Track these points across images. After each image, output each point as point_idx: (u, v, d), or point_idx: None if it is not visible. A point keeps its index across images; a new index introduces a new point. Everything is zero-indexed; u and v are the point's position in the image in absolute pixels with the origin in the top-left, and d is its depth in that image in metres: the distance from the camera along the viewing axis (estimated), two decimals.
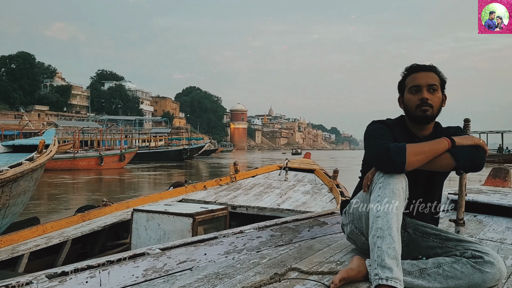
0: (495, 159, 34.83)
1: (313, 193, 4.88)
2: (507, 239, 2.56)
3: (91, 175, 19.51)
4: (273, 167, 6.44)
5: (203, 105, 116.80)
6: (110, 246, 3.75)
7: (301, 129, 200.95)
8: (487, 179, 4.98)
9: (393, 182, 1.63)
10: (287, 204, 4.28)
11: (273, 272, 1.73)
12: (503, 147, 37.79)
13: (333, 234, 2.52)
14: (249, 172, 6.00)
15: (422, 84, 1.85)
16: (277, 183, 5.45)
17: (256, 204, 4.22)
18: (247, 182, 5.51)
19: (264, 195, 4.75)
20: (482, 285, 1.62)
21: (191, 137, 50.76)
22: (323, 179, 5.60)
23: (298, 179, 5.77)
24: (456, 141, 1.73)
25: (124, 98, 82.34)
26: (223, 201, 4.34)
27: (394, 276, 1.44)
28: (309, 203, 4.35)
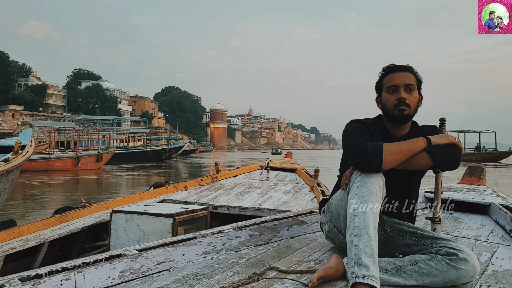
0: (473, 158, 35.77)
1: (294, 193, 4.89)
2: (481, 236, 2.62)
3: (68, 176, 19.16)
4: (254, 167, 6.45)
5: (182, 105, 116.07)
6: (88, 248, 3.70)
7: (281, 129, 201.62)
8: (463, 177, 5.08)
9: (370, 181, 1.65)
10: (268, 204, 4.29)
11: (251, 271, 1.73)
12: (480, 146, 38.67)
13: (312, 233, 2.53)
14: (231, 172, 5.99)
15: (400, 84, 1.88)
16: (258, 183, 5.45)
17: (237, 204, 4.21)
18: (229, 182, 5.50)
19: (245, 195, 4.75)
20: (456, 281, 1.65)
21: (170, 137, 50.44)
22: (304, 179, 5.63)
23: (280, 178, 5.79)
24: (432, 140, 1.76)
25: (102, 97, 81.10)
26: (204, 201, 4.32)
27: (370, 274, 1.46)
28: (290, 203, 4.36)
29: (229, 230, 2.23)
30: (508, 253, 2.24)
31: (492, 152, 37.43)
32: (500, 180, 17.96)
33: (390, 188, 1.81)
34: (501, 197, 3.64)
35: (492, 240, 2.51)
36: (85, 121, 54.05)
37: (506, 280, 1.79)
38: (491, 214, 3.19)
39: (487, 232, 2.71)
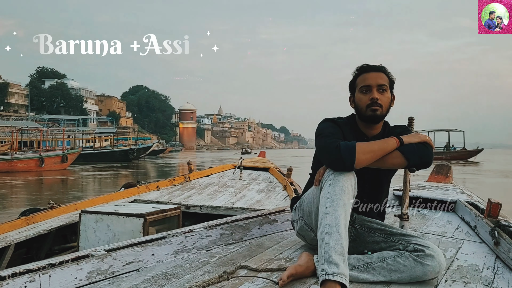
0: (443, 156, 36.93)
1: (268, 191, 4.92)
2: (447, 232, 2.69)
3: (32, 177, 18.55)
4: (227, 166, 6.45)
5: (150, 104, 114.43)
6: (57, 250, 3.60)
7: (251, 128, 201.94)
8: (431, 175, 5.22)
9: (342, 180, 1.67)
10: (241, 203, 4.30)
11: (222, 270, 1.72)
12: (450, 144, 39.87)
13: (284, 231, 2.54)
14: (204, 171, 5.97)
15: (372, 84, 1.90)
16: (231, 182, 5.45)
17: (210, 204, 4.20)
18: (201, 181, 5.48)
19: (218, 194, 4.74)
20: (423, 277, 1.69)
21: (138, 137, 49.59)
22: (277, 177, 5.66)
23: (253, 177, 5.81)
24: (404, 139, 1.80)
25: (67, 96, 78.91)
26: (176, 201, 4.29)
27: (340, 272, 1.47)
28: (264, 201, 4.38)
29: (200, 229, 2.21)
30: (473, 248, 2.31)
31: (461, 150, 38.71)
32: (468, 177, 18.57)
33: (361, 187, 1.84)
34: (466, 194, 3.76)
35: (457, 236, 2.58)
36: (49, 121, 52.57)
37: (470, 274, 1.84)
38: (457, 211, 3.29)
39: (453, 229, 2.79)
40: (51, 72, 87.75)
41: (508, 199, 10.61)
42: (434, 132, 40.19)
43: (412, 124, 2.30)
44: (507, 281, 1.77)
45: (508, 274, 1.87)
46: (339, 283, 1.46)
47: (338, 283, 1.46)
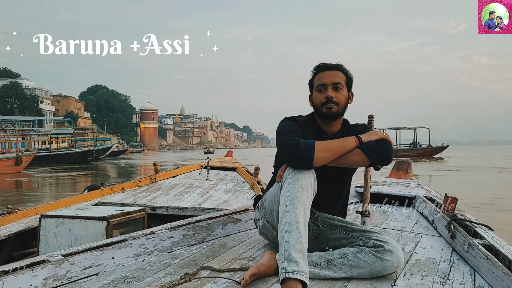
0: (410, 153, 38.07)
1: (235, 191, 4.92)
2: (407, 227, 2.76)
3: None
4: (194, 167, 6.41)
5: (110, 105, 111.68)
6: (16, 256, 3.44)
7: (214, 128, 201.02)
8: (391, 171, 5.37)
9: (302, 178, 1.67)
10: (208, 203, 4.28)
11: (184, 272, 1.70)
12: (416, 141, 41.04)
13: (247, 230, 2.53)
14: (170, 172, 5.90)
15: (328, 83, 1.93)
16: (198, 183, 5.42)
17: (176, 205, 4.15)
18: (168, 182, 5.42)
19: (185, 195, 4.70)
20: (382, 272, 1.73)
21: (98, 138, 48.32)
22: (244, 177, 5.67)
23: (220, 177, 5.80)
24: (363, 138, 1.83)
25: (21, 97, 75.71)
26: (142, 202, 4.22)
27: (300, 270, 1.48)
28: (231, 201, 4.38)
29: (161, 230, 2.16)
30: (431, 242, 2.38)
31: (427, 147, 39.93)
32: (433, 173, 19.18)
33: (322, 184, 1.85)
34: (425, 189, 3.88)
35: (416, 231, 2.65)
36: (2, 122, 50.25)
37: (427, 267, 1.90)
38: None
39: (412, 223, 2.87)
40: (3, 71, 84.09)
41: (472, 193, 11.10)
42: (400, 129, 41.43)
43: (372, 122, 2.34)
44: (462, 273, 1.84)
45: (463, 266, 1.94)
46: (299, 280, 1.46)
47: (299, 280, 1.46)
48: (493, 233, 2.27)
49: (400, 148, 40.39)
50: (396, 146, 41.40)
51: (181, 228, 2.24)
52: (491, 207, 8.03)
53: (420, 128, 41.38)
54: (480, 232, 2.20)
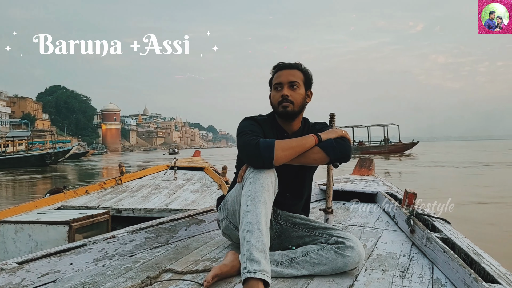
0: (381, 150, 38.84)
1: (203, 191, 4.89)
2: (369, 223, 2.82)
3: None
4: (161, 167, 6.35)
5: (70, 106, 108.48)
6: None
7: (178, 128, 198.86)
8: (354, 168, 5.48)
9: (262, 177, 1.67)
10: (175, 204, 4.24)
11: (145, 275, 1.67)
12: (388, 138, 41.90)
13: (211, 231, 2.51)
14: (136, 173, 5.81)
15: (284, 82, 1.94)
16: (165, 183, 5.36)
17: (143, 206, 4.10)
18: (134, 184, 5.33)
19: (151, 196, 4.64)
20: (344, 268, 1.75)
21: (57, 140, 46.79)
22: (212, 177, 5.65)
23: (188, 177, 5.76)
24: (322, 136, 1.85)
25: None
26: (107, 205, 4.13)
27: (261, 269, 1.47)
28: (199, 201, 4.35)
29: (123, 234, 2.11)
30: (391, 237, 2.43)
31: (398, 144, 40.80)
32: (403, 168, 19.64)
33: (283, 183, 1.86)
34: (387, 186, 3.98)
35: (378, 226, 2.71)
36: None
37: (388, 262, 1.94)
38: (378, 202, 3.47)
39: (374, 219, 2.93)
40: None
41: (439, 186, 11.47)
42: (370, 127, 42.29)
43: (333, 120, 2.37)
44: (421, 266, 1.89)
45: (422, 259, 1.99)
46: (261, 280, 1.46)
47: (260, 280, 1.45)
48: (450, 226, 2.34)
49: (372, 145, 41.27)
50: (368, 143, 42.29)
51: (143, 230, 2.20)
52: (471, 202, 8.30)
53: (391, 125, 42.26)
54: (438, 226, 2.27)
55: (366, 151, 39.08)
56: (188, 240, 2.32)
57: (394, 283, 1.67)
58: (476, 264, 1.65)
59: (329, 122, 2.29)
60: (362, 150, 39.39)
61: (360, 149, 39.87)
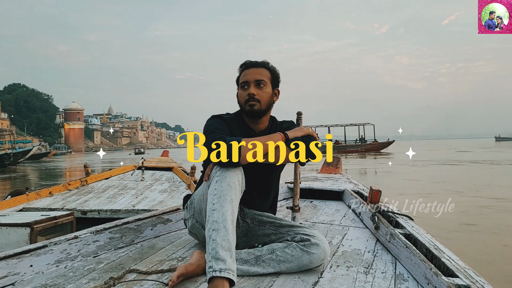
0: (358, 149, 39.38)
1: (171, 191, 4.85)
2: (335, 220, 2.86)
3: None
4: (128, 167, 6.25)
5: (30, 104, 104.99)
6: None
7: (144, 128, 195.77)
8: (322, 167, 5.55)
9: (229, 176, 1.66)
10: (143, 204, 4.19)
11: (108, 276, 1.63)
12: (364, 137, 42.52)
13: (178, 230, 2.48)
14: (103, 174, 5.70)
15: (250, 80, 1.94)
16: (133, 184, 5.28)
17: (109, 207, 4.02)
18: (100, 184, 5.23)
19: (118, 197, 4.56)
20: (309, 265, 1.77)
21: (17, 140, 45.16)
22: (181, 177, 5.61)
23: (156, 178, 5.70)
24: (289, 134, 1.86)
25: None
26: (71, 206, 4.03)
27: (227, 268, 1.46)
28: (167, 202, 4.32)
29: (86, 234, 2.05)
30: (357, 234, 2.48)
31: (374, 143, 41.50)
32: (379, 167, 20.00)
33: (250, 182, 1.86)
34: (353, 183, 4.05)
35: (344, 224, 2.75)
36: None
37: (353, 258, 1.98)
38: (345, 199, 3.52)
39: (340, 216, 2.97)
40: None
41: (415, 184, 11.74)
42: (345, 126, 42.87)
43: (300, 118, 2.39)
44: (385, 262, 1.93)
45: (385, 255, 2.04)
46: (227, 279, 1.45)
47: (226, 279, 1.45)
48: (413, 222, 2.40)
49: (349, 144, 41.86)
50: (345, 142, 42.86)
51: (107, 231, 2.15)
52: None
53: (367, 124, 42.99)
54: (401, 222, 2.32)
55: (343, 150, 39.72)
56: (154, 240, 2.28)
57: (358, 279, 1.70)
58: (437, 259, 1.70)
59: (296, 121, 2.31)
60: (339, 149, 40.02)
61: (337, 148, 40.46)
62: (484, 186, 11.01)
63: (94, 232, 2.09)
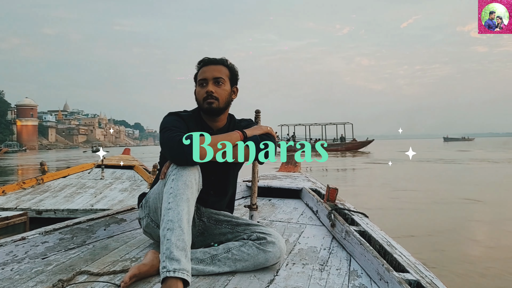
0: (338, 148, 39.75)
1: (132, 190, 4.75)
2: (293, 218, 2.88)
3: None
4: (87, 166, 6.11)
5: None
6: None
7: (102, 125, 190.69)
8: (281, 165, 5.59)
9: (185, 174, 1.63)
10: (102, 204, 4.08)
11: (58, 279, 1.56)
12: (344, 136, 42.95)
13: (132, 230, 2.42)
14: (60, 172, 5.52)
15: (208, 77, 1.91)
16: (92, 183, 5.15)
17: (66, 207, 3.89)
18: (57, 183, 5.06)
19: (76, 196, 4.43)
20: (265, 263, 1.77)
21: None
22: (142, 175, 5.50)
23: (116, 176, 5.58)
24: (248, 132, 1.85)
25: None
26: (26, 206, 3.89)
27: (181, 268, 1.44)
28: (127, 201, 4.23)
29: (34, 235, 1.97)
30: (314, 231, 2.51)
31: (354, 142, 42.00)
32: (358, 165, 20.34)
33: (207, 180, 1.84)
34: (311, 182, 4.10)
35: (301, 222, 2.78)
36: None
37: (309, 256, 2.00)
38: (303, 197, 3.56)
39: (298, 215, 3.00)
40: None
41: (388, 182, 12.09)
42: (325, 125, 43.27)
43: (258, 116, 2.38)
44: (340, 259, 1.96)
45: (341, 252, 2.07)
46: (181, 279, 1.42)
47: (180, 279, 1.42)
48: (368, 220, 2.46)
49: (329, 143, 42.27)
50: (325, 141, 43.25)
51: (58, 231, 2.06)
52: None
53: (347, 123, 43.50)
54: (356, 220, 2.37)
55: (323, 149, 40.08)
56: (107, 240, 2.21)
57: (313, 276, 1.71)
58: (389, 255, 1.75)
59: (254, 119, 2.31)
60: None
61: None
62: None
63: (43, 233, 2.00)
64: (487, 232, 5.60)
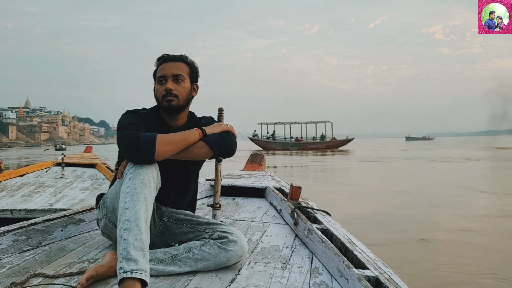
0: (319, 146, 39.94)
1: (93, 189, 4.62)
2: (256, 217, 2.88)
3: None
4: (47, 164, 5.90)
5: None
6: None
7: (66, 122, 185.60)
8: (246, 164, 5.57)
9: (143, 173, 1.60)
10: (61, 203, 3.96)
11: (10, 282, 1.49)
12: (325, 135, 43.16)
13: (91, 231, 2.36)
14: (17, 170, 5.33)
15: (168, 75, 1.88)
16: (51, 181, 4.98)
17: (23, 206, 3.74)
18: (14, 182, 4.89)
19: (34, 195, 4.28)
20: (227, 262, 1.76)
21: None
22: (105, 174, 5.37)
23: (77, 175, 5.42)
24: (207, 130, 1.83)
25: None
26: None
27: (139, 268, 1.41)
28: (88, 200, 4.12)
29: None
30: (277, 230, 2.51)
31: (334, 140, 42.32)
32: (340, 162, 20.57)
33: (167, 179, 1.81)
34: (276, 180, 4.11)
35: (265, 220, 2.78)
36: None
37: (271, 255, 2.00)
38: (267, 196, 3.56)
39: (262, 213, 3.00)
40: None
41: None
42: (306, 124, 43.40)
43: (221, 114, 2.36)
44: (302, 257, 1.97)
45: (303, 250, 2.08)
46: (138, 279, 1.39)
47: (137, 279, 1.39)
48: (330, 218, 2.48)
49: (310, 141, 42.48)
50: (306, 140, 43.42)
51: (11, 233, 1.98)
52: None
53: (327, 122, 43.86)
54: (319, 218, 2.39)
55: (304, 147, 40.34)
56: (64, 242, 2.14)
57: (275, 275, 1.71)
58: (350, 252, 1.77)
59: (217, 117, 2.29)
60: (300, 146, 40.62)
61: (298, 145, 41.03)
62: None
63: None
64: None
